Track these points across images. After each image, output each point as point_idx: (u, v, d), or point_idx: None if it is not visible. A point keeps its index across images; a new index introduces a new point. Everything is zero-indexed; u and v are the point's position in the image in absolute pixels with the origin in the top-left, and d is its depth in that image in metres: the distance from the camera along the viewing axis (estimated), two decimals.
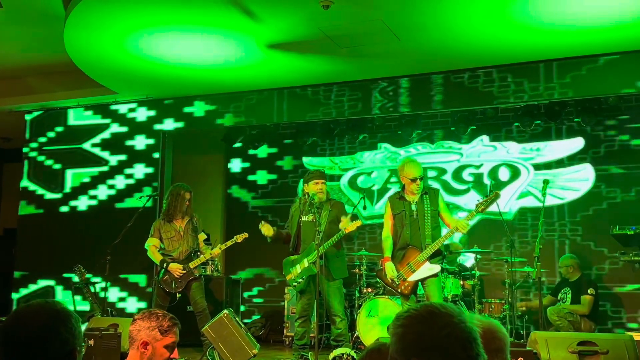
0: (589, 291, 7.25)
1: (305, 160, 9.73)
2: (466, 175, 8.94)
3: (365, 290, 7.91)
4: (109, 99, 8.98)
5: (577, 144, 8.38)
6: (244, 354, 5.57)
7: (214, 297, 8.10)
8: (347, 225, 6.00)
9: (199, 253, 6.87)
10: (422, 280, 5.86)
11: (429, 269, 5.79)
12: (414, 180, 5.92)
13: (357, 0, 5.90)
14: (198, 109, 8.75)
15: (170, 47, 7.12)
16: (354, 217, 6.29)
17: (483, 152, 8.89)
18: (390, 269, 5.89)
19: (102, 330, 5.31)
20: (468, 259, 8.51)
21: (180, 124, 8.84)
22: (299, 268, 6.29)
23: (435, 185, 9.04)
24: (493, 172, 8.77)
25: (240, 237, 6.78)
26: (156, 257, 6.84)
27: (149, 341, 2.97)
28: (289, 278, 6.39)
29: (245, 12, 6.17)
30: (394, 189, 9.21)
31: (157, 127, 8.93)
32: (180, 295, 6.80)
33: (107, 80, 8.41)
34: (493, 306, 7.52)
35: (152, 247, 6.87)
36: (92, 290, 7.87)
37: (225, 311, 5.86)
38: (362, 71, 7.79)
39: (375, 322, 7.11)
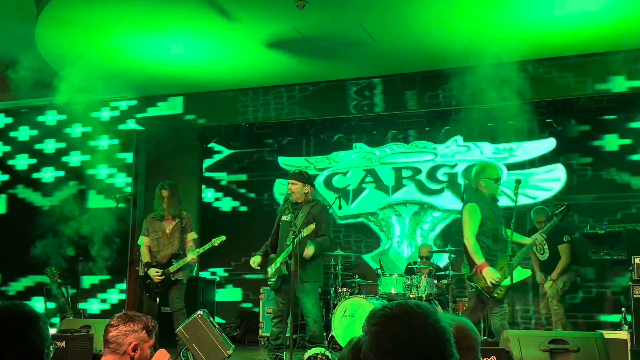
0: (564, 239, 7.26)
1: (281, 159, 9.72)
2: (440, 175, 9.00)
3: (340, 290, 7.93)
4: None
5: (549, 144, 8.49)
6: (218, 355, 5.54)
7: (188, 297, 8.02)
8: (304, 230, 5.98)
9: (181, 256, 6.72)
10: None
11: (521, 273, 5.75)
12: (497, 180, 5.85)
13: (332, 0, 5.90)
14: (172, 108, 8.69)
15: (145, 46, 7.06)
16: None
17: (457, 152, 8.96)
18: (493, 273, 5.55)
19: (74, 332, 5.25)
20: (442, 259, 8.58)
21: (154, 124, 8.76)
22: (272, 268, 6.29)
23: (409, 185, 9.10)
24: (467, 171, 8.84)
25: (217, 241, 6.71)
26: (144, 258, 6.78)
27: (138, 344, 2.96)
28: (268, 277, 6.41)
29: (220, 12, 6.14)
30: (368, 189, 9.26)
31: (130, 126, 8.83)
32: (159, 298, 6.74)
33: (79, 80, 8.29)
34: (467, 305, 7.58)
35: (143, 247, 6.79)
36: (65, 292, 7.77)
37: (200, 312, 5.82)
38: (337, 71, 7.81)
39: (350, 322, 7.12)
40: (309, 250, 6.03)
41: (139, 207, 8.59)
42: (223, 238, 6.72)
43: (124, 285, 8.68)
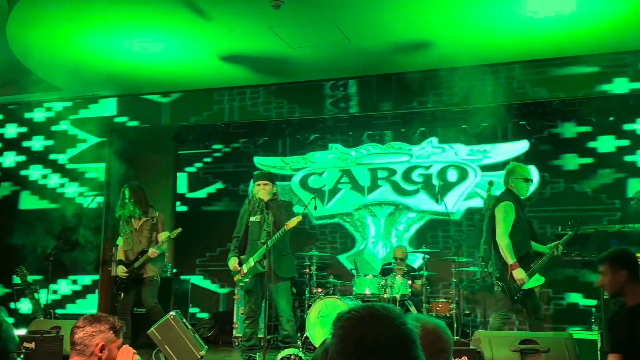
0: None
1: (257, 159, 9.69)
2: (416, 176, 9.05)
3: (315, 291, 7.93)
4: (54, 95, 8.77)
5: (522, 146, 8.57)
6: (190, 356, 5.50)
7: (160, 298, 7.97)
8: (288, 222, 6.04)
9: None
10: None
11: (537, 279, 5.70)
12: (527, 181, 5.88)
13: (307, 0, 5.90)
14: (147, 107, 8.61)
15: (119, 44, 7.00)
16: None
17: (432, 154, 9.01)
18: (523, 274, 5.53)
19: (44, 333, 5.17)
20: (416, 259, 8.62)
21: (129, 123, 8.68)
22: (245, 268, 6.28)
23: (385, 186, 9.13)
24: (442, 173, 8.91)
25: (174, 233, 6.82)
26: (117, 256, 6.92)
27: (105, 344, 2.95)
28: (237, 279, 6.39)
29: (195, 11, 6.11)
30: (344, 190, 9.28)
31: (104, 125, 8.74)
32: (124, 294, 6.75)
33: (51, 77, 8.19)
34: (440, 305, 7.64)
35: (120, 247, 6.93)
36: (35, 293, 7.66)
37: (173, 313, 5.78)
38: (313, 72, 7.80)
39: (325, 323, 7.12)
40: (297, 219, 6.05)
41: (111, 207, 8.51)
42: (179, 230, 6.85)
43: (93, 287, 8.58)
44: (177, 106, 8.55)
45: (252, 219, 6.41)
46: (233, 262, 6.39)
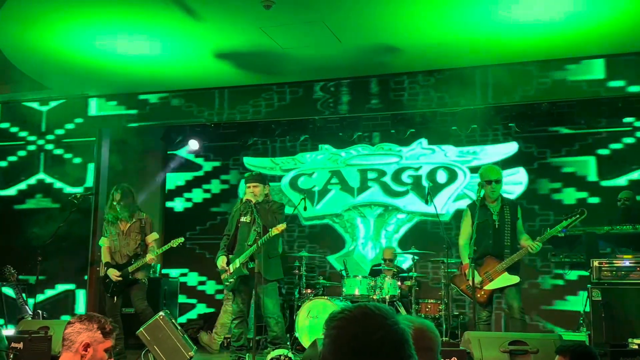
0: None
1: (246, 160, 9.68)
2: (405, 177, 9.07)
3: (304, 291, 7.92)
4: (41, 94, 8.71)
5: (511, 148, 8.62)
6: (179, 357, 5.49)
7: (150, 299, 7.94)
8: (272, 230, 6.02)
9: (140, 256, 6.72)
10: (502, 289, 5.92)
11: (508, 279, 5.86)
12: (489, 182, 6.00)
13: (298, 1, 5.90)
14: (137, 107, 8.57)
15: (109, 43, 6.96)
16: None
17: (422, 155, 9.04)
18: (470, 275, 5.78)
19: (32, 333, 5.14)
20: (405, 261, 8.64)
21: (118, 122, 8.64)
22: (231, 268, 6.27)
23: (374, 187, 9.15)
24: (431, 174, 8.94)
25: (175, 242, 6.76)
26: (103, 258, 6.85)
27: (90, 343, 2.95)
28: (223, 277, 6.39)
29: (186, 11, 6.09)
30: (334, 191, 9.28)
31: (94, 125, 8.69)
32: (116, 297, 6.70)
33: (40, 76, 8.14)
34: (430, 306, 7.66)
35: (104, 248, 6.86)
36: (23, 293, 7.61)
37: (161, 313, 5.77)
38: (303, 72, 7.79)
39: (314, 323, 7.12)
40: (281, 226, 6.04)
41: (100, 207, 8.47)
42: (182, 240, 6.79)
43: (81, 288, 8.53)
44: (165, 106, 8.51)
45: (243, 219, 6.40)
46: (221, 261, 6.38)
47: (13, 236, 8.53)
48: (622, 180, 8.13)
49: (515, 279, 5.87)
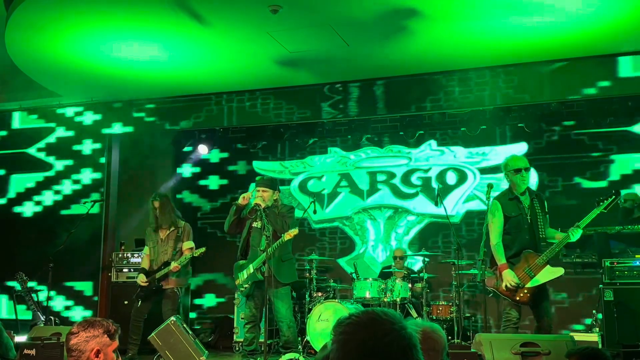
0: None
1: (256, 164, 9.70)
2: (415, 179, 9.05)
3: (315, 295, 7.92)
4: (53, 101, 8.77)
5: (520, 148, 8.58)
6: None
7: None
8: (284, 235, 6.06)
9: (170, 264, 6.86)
10: (535, 299, 5.52)
11: (552, 272, 5.45)
12: (518, 171, 5.65)
13: (305, 5, 5.90)
14: (146, 112, 8.61)
15: (117, 49, 7.00)
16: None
17: (431, 156, 9.02)
18: (512, 276, 5.44)
19: (44, 340, 5.16)
20: (416, 262, 8.63)
21: (128, 128, 8.68)
22: (245, 274, 6.28)
23: (384, 189, 9.14)
24: (441, 176, 8.92)
25: (198, 252, 6.85)
26: (142, 265, 7.09)
27: (100, 348, 2.95)
28: (238, 283, 6.39)
29: (193, 16, 6.11)
30: (343, 194, 9.28)
31: (104, 131, 8.74)
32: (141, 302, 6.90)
33: (50, 83, 8.20)
34: (441, 308, 7.63)
35: (144, 255, 7.09)
36: (35, 298, 7.65)
37: (173, 318, 5.79)
38: (311, 76, 7.81)
39: (325, 327, 7.12)
40: (293, 232, 6.08)
41: (110, 213, 8.52)
42: (203, 249, 6.88)
43: (93, 293, 8.57)
44: (177, 111, 8.55)
45: (254, 224, 6.41)
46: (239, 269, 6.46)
47: (23, 243, 8.61)
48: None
49: (559, 271, 5.46)
